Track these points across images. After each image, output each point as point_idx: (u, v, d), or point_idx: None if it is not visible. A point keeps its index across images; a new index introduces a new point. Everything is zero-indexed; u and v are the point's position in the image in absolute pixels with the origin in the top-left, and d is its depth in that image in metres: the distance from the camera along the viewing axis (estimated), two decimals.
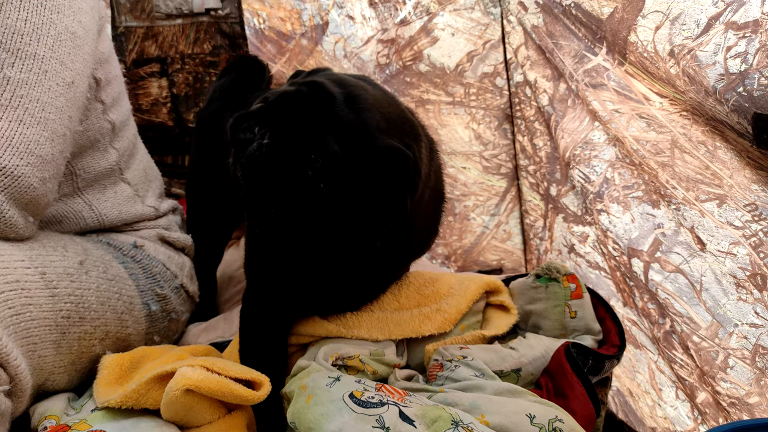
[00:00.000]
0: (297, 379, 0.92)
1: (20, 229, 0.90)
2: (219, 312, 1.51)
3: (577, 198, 1.67)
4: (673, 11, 1.22)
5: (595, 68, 1.52)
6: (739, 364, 1.21)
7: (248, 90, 1.40)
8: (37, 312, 0.87)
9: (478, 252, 2.03)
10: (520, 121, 1.89)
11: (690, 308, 1.31)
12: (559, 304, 1.13)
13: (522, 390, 0.93)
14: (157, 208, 1.29)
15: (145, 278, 1.15)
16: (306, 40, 1.90)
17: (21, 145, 0.87)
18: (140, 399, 0.85)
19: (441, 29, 1.90)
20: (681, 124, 1.31)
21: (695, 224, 1.28)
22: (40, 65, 0.90)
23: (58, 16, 0.93)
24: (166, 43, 1.96)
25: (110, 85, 1.16)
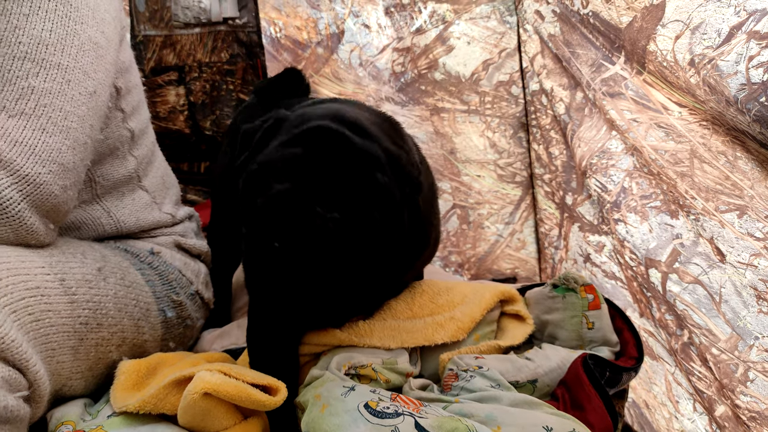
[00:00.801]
0: (311, 388, 0.92)
1: (41, 235, 0.92)
2: (233, 319, 1.52)
3: (594, 207, 1.65)
4: (693, 20, 1.21)
5: (612, 77, 1.51)
6: (760, 377, 1.19)
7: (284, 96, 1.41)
8: (56, 318, 0.88)
9: (492, 260, 2.02)
10: (535, 130, 1.88)
11: (709, 320, 1.29)
12: (577, 315, 1.12)
13: (539, 401, 0.92)
14: (173, 215, 1.30)
15: (162, 285, 1.16)
16: (322, 49, 1.92)
17: (44, 153, 0.89)
18: (158, 404, 0.86)
19: (457, 38, 1.90)
20: (700, 134, 1.30)
21: (715, 235, 1.26)
22: (63, 75, 0.91)
23: (82, 26, 0.95)
24: (184, 52, 1.99)
25: (130, 94, 1.17)
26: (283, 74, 1.45)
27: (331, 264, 0.78)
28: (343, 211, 0.75)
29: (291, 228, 0.73)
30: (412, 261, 1.06)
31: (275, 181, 0.75)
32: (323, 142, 0.77)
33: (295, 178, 0.74)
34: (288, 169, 0.75)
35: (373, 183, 0.77)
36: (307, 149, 0.77)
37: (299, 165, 0.75)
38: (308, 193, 0.74)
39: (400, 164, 0.82)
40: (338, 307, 1.02)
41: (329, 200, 0.74)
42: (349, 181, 0.76)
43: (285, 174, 0.75)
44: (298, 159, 0.76)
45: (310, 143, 0.77)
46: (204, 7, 1.94)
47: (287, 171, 0.75)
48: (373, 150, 0.79)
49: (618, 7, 1.43)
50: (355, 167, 0.76)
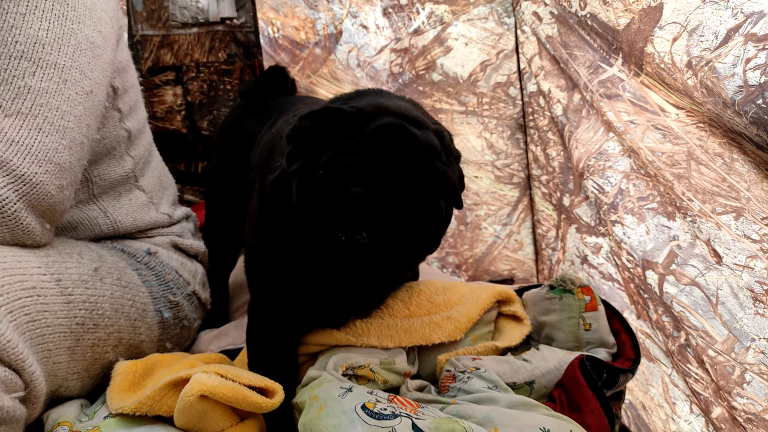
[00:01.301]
0: (308, 389, 0.91)
1: (37, 235, 0.91)
2: (230, 319, 1.51)
3: (591, 209, 1.65)
4: (691, 23, 1.21)
5: (610, 79, 1.52)
6: (756, 379, 1.19)
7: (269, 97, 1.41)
8: (53, 319, 0.88)
9: (489, 261, 2.02)
10: (533, 131, 1.88)
11: (706, 322, 1.29)
12: (574, 316, 1.12)
13: (536, 403, 0.92)
14: (170, 215, 1.29)
15: (158, 285, 1.16)
16: (320, 49, 1.91)
17: (40, 153, 0.88)
18: (154, 405, 0.86)
19: (454, 39, 1.90)
20: (697, 136, 1.30)
21: (711, 237, 1.26)
22: (60, 74, 0.91)
23: (79, 26, 0.94)
24: (181, 52, 1.98)
25: (127, 94, 1.17)
26: (267, 73, 1.45)
27: (406, 256, 0.84)
28: (420, 207, 0.80)
29: (380, 228, 0.78)
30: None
31: (354, 183, 0.78)
32: (391, 141, 0.80)
33: (372, 181, 0.78)
34: (364, 172, 0.78)
35: (436, 173, 0.81)
36: (378, 149, 0.79)
37: (374, 166, 0.78)
38: (389, 195, 0.78)
39: (447, 142, 0.88)
40: (350, 304, 1.03)
41: (407, 198, 0.79)
42: (418, 176, 0.80)
43: (361, 177, 0.78)
44: (372, 160, 0.78)
45: (379, 143, 0.79)
46: (202, 7, 1.94)
47: (364, 173, 0.78)
48: (431, 140, 0.83)
49: (616, 9, 1.43)
50: (420, 160, 0.80)
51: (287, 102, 1.35)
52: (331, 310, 1.03)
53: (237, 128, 1.40)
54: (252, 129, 1.29)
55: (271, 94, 1.42)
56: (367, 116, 0.81)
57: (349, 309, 1.05)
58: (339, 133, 0.80)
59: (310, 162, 0.81)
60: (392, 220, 0.78)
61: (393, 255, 0.82)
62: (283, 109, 1.24)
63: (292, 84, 1.49)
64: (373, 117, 0.81)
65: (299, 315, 1.02)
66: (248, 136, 1.29)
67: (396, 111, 0.83)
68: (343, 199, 0.78)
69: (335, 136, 0.80)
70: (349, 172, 0.77)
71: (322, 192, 0.79)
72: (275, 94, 1.43)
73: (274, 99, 1.41)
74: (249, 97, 1.44)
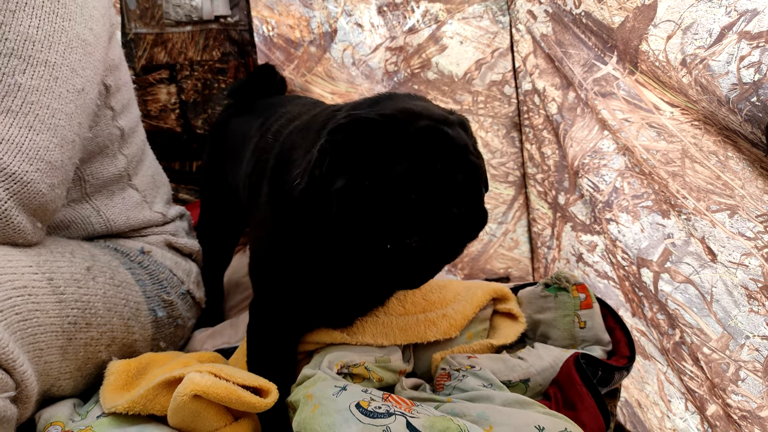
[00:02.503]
0: (303, 387, 0.91)
1: (28, 234, 0.91)
2: (225, 318, 1.51)
3: (586, 207, 1.65)
4: (685, 20, 1.21)
5: (604, 77, 1.52)
6: (751, 376, 1.19)
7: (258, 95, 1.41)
8: (44, 318, 0.87)
9: (485, 260, 2.02)
10: (528, 130, 1.88)
11: (700, 319, 1.29)
12: (569, 314, 1.13)
13: (531, 401, 0.92)
14: (164, 213, 1.29)
15: (152, 284, 1.15)
16: (314, 48, 1.91)
17: (31, 151, 0.88)
18: (147, 405, 0.85)
19: (449, 37, 1.90)
20: (692, 134, 1.30)
21: (706, 234, 1.27)
22: (51, 72, 0.90)
23: (70, 23, 0.94)
24: (175, 50, 1.97)
25: (120, 92, 1.16)
26: (256, 72, 1.45)
27: (457, 252, 0.88)
28: (467, 205, 0.84)
29: (436, 230, 0.82)
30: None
31: (409, 192, 0.79)
32: (431, 144, 0.82)
33: (424, 187, 0.80)
34: (415, 179, 0.80)
35: (474, 168, 0.85)
36: (421, 155, 0.80)
37: (422, 172, 0.80)
38: (441, 197, 0.81)
39: (471, 134, 0.92)
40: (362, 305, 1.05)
41: (455, 197, 0.82)
42: (461, 174, 0.83)
43: (413, 184, 0.80)
44: (419, 166, 0.80)
45: (421, 148, 0.81)
46: (195, 5, 1.93)
47: (415, 181, 0.80)
48: (462, 137, 0.86)
49: (610, 7, 1.43)
50: (459, 159, 0.83)
51: (277, 102, 1.35)
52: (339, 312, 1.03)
53: (226, 128, 1.40)
54: (241, 128, 1.29)
55: (260, 93, 1.41)
56: (400, 122, 0.83)
57: (358, 310, 1.06)
58: (378, 143, 0.81)
59: (357, 176, 0.81)
60: (447, 221, 0.81)
61: (446, 254, 0.86)
62: (273, 110, 1.24)
63: (281, 82, 1.49)
64: (408, 122, 0.83)
65: (305, 316, 1.02)
66: (237, 135, 1.29)
67: (423, 113, 0.85)
68: (400, 208, 0.80)
69: (374, 146, 0.81)
70: (401, 181, 0.79)
71: (373, 204, 0.80)
72: (264, 92, 1.42)
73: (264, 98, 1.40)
74: (237, 96, 1.44)
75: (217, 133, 1.45)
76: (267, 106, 1.31)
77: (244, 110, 1.37)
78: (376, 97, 0.96)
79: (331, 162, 0.83)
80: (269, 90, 1.45)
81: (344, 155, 0.82)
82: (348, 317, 1.06)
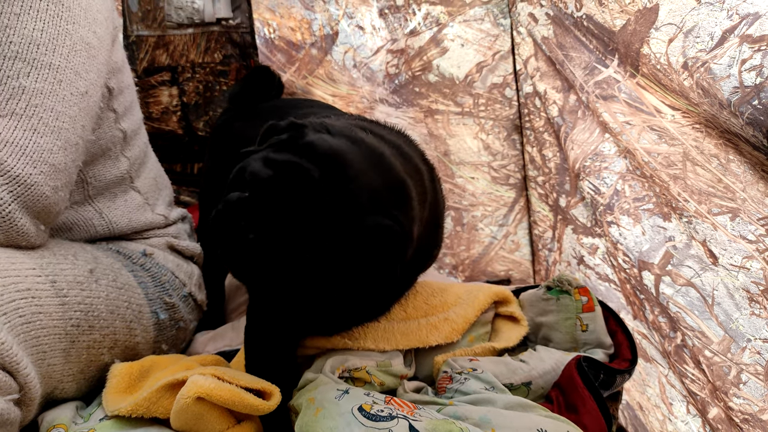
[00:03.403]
0: (305, 391, 0.91)
1: (32, 237, 0.91)
2: (227, 320, 1.51)
3: (587, 209, 1.66)
4: (686, 24, 1.22)
5: (606, 80, 1.52)
6: (753, 379, 1.19)
7: (259, 99, 1.41)
8: (47, 320, 0.87)
9: (485, 262, 2.02)
10: (529, 132, 1.88)
11: (702, 322, 1.29)
12: (571, 317, 1.13)
13: (533, 404, 0.92)
14: (166, 216, 1.29)
15: (154, 287, 1.15)
16: (316, 50, 1.91)
17: (35, 154, 0.88)
18: (151, 407, 0.85)
19: (450, 40, 1.90)
20: (693, 137, 1.30)
21: (707, 237, 1.27)
22: (55, 75, 0.91)
23: (74, 26, 0.94)
24: (177, 52, 1.98)
25: (123, 95, 1.16)
26: (252, 75, 1.43)
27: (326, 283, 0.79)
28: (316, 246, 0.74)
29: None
30: (426, 264, 1.06)
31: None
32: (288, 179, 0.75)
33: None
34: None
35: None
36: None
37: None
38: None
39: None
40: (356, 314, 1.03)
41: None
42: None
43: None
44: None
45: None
46: (197, 8, 1.93)
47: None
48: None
49: (611, 10, 1.44)
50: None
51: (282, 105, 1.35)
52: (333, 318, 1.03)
53: (229, 131, 1.40)
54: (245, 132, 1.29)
55: (259, 95, 1.41)
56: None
57: (350, 320, 1.05)
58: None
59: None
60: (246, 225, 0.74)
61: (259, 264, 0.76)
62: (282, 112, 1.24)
63: (279, 83, 1.48)
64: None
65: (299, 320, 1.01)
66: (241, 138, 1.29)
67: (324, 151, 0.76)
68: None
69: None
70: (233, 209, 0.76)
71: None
72: (262, 95, 1.42)
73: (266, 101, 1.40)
74: (237, 101, 1.43)
75: (218, 136, 1.45)
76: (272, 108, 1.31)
77: (247, 113, 1.37)
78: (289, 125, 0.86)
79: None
80: (269, 92, 1.45)
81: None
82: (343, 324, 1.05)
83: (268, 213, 0.73)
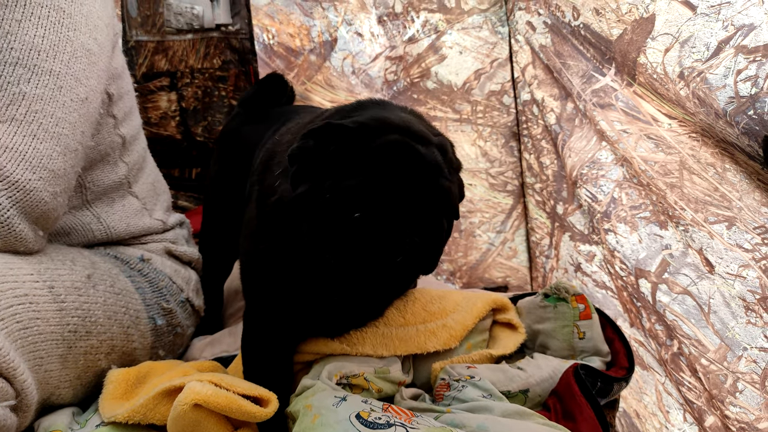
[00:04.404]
0: (302, 398, 0.91)
1: (30, 242, 0.91)
2: (224, 326, 1.50)
3: (584, 217, 1.66)
4: (683, 34, 1.23)
5: (603, 88, 1.53)
6: (749, 388, 1.20)
7: (269, 104, 1.41)
8: (45, 326, 0.87)
9: (483, 269, 2.02)
10: (527, 139, 1.89)
11: (698, 330, 1.30)
12: (568, 325, 1.13)
13: (530, 412, 0.92)
14: (164, 221, 1.29)
15: (152, 292, 1.15)
16: (314, 56, 1.92)
17: (34, 160, 0.88)
18: (147, 414, 0.85)
19: (449, 47, 1.91)
20: (690, 146, 1.31)
21: (704, 246, 1.27)
22: (55, 81, 0.91)
23: (75, 33, 0.94)
24: (176, 58, 1.98)
25: (122, 100, 1.16)
26: (266, 80, 1.44)
27: (406, 279, 0.87)
28: (422, 232, 0.79)
29: (380, 254, 0.77)
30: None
31: (355, 209, 0.76)
32: (394, 159, 0.78)
33: (373, 205, 0.76)
34: (366, 195, 0.76)
35: (440, 192, 0.80)
36: (380, 170, 0.77)
37: (376, 189, 0.76)
38: (391, 219, 0.76)
39: (450, 156, 0.86)
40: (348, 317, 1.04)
41: (409, 222, 0.77)
42: (421, 197, 0.78)
43: (362, 201, 0.76)
44: (373, 182, 0.76)
45: (383, 162, 0.77)
46: (197, 14, 1.94)
47: (365, 197, 0.76)
48: (435, 156, 0.81)
49: (608, 20, 1.45)
50: (424, 179, 0.79)
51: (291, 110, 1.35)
52: (328, 321, 1.03)
53: (237, 135, 1.40)
54: (253, 137, 1.29)
55: (270, 102, 1.42)
56: (371, 132, 0.79)
57: (347, 321, 1.05)
58: (343, 151, 0.78)
59: (317, 185, 0.79)
60: (393, 246, 0.77)
61: (393, 279, 0.82)
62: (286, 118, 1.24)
63: (291, 91, 1.49)
64: (377, 133, 0.79)
65: (295, 324, 1.01)
66: (249, 143, 1.29)
67: (400, 125, 0.82)
68: (342, 225, 0.76)
69: (340, 155, 0.78)
70: (352, 195, 0.76)
71: (328, 218, 0.78)
72: (274, 101, 1.42)
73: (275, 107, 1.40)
74: (248, 106, 1.44)
75: (226, 141, 1.45)
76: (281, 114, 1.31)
77: (256, 118, 1.38)
78: (365, 102, 0.93)
79: (297, 169, 0.81)
80: (281, 99, 1.45)
81: (310, 161, 0.80)
82: (338, 327, 1.05)
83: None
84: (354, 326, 1.07)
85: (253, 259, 1.01)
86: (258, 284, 1.00)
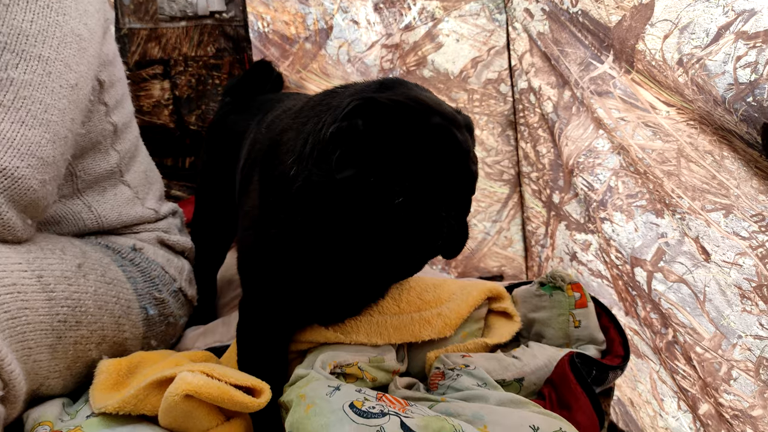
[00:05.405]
0: (296, 387, 0.90)
1: (18, 231, 0.89)
2: (217, 316, 1.50)
3: (580, 206, 1.65)
4: (682, 20, 1.21)
5: (601, 76, 1.51)
6: (743, 376, 1.20)
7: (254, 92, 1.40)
8: (33, 316, 0.86)
9: (479, 258, 2.01)
10: (523, 128, 1.88)
11: (693, 319, 1.29)
12: (563, 313, 1.12)
13: (525, 400, 0.92)
14: (157, 210, 1.27)
15: (144, 282, 1.14)
16: (310, 44, 1.90)
17: (22, 147, 0.86)
18: (138, 404, 0.84)
19: (446, 35, 1.89)
20: (688, 134, 1.30)
21: (700, 234, 1.27)
22: (44, 67, 0.89)
23: (65, 18, 0.92)
24: (169, 45, 1.95)
25: (114, 87, 1.15)
26: (253, 69, 1.43)
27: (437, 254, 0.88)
28: (456, 209, 0.83)
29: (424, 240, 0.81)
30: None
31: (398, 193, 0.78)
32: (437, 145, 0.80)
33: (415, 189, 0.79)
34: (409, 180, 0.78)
35: (471, 176, 0.85)
36: (424, 155, 0.79)
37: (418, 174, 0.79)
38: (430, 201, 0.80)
39: (473, 135, 0.92)
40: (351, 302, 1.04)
41: (445, 201, 0.81)
42: (457, 180, 0.82)
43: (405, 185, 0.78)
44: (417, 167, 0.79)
45: (428, 148, 0.80)
46: (190, 1, 1.91)
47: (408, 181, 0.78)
48: (467, 141, 0.85)
49: (607, 6, 1.43)
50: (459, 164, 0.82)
51: (276, 98, 1.34)
52: (330, 308, 1.02)
53: (223, 125, 1.39)
54: (240, 125, 1.27)
55: (257, 89, 1.40)
56: (416, 114, 0.81)
57: (349, 307, 1.05)
58: (392, 135, 0.78)
59: (364, 170, 0.78)
60: (434, 232, 0.80)
61: (421, 264, 0.87)
62: (270, 106, 1.23)
63: (279, 79, 1.48)
64: (422, 116, 0.81)
65: (295, 313, 1.00)
66: (236, 132, 1.28)
67: (435, 108, 0.84)
68: (387, 211, 0.78)
69: (387, 139, 0.78)
70: (397, 181, 0.78)
71: (370, 202, 0.79)
72: (261, 89, 1.41)
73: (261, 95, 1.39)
74: (234, 94, 1.43)
75: (214, 131, 1.44)
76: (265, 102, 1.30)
77: (241, 107, 1.36)
78: (384, 82, 0.92)
79: (343, 152, 0.79)
80: (266, 86, 1.44)
81: (357, 144, 0.78)
82: (339, 314, 1.05)
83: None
84: (354, 313, 1.06)
85: (259, 247, 0.98)
86: (262, 272, 0.98)
